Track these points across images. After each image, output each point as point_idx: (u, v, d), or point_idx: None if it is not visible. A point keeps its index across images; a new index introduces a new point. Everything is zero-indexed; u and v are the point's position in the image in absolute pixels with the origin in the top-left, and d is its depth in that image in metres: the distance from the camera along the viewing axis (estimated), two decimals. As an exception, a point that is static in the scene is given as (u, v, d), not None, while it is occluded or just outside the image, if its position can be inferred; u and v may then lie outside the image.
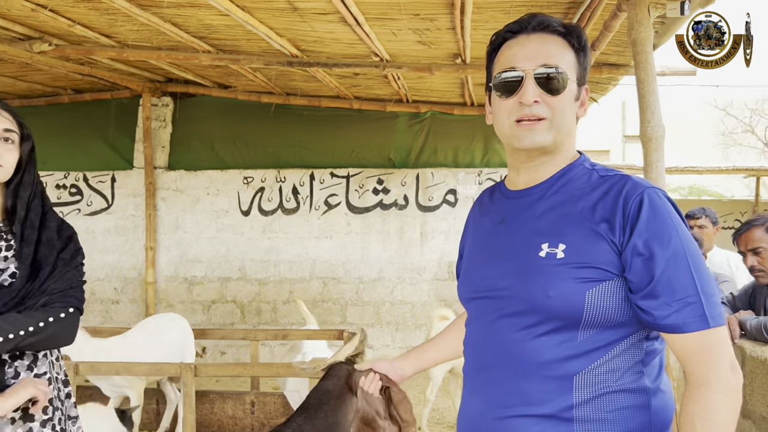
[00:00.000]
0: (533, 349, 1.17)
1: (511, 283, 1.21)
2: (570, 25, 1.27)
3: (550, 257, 1.16)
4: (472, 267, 1.34)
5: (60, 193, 6.70)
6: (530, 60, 1.22)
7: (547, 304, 1.15)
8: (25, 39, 4.66)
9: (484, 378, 1.25)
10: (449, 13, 3.48)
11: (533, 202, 1.26)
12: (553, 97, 1.21)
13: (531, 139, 1.22)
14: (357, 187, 6.45)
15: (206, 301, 6.60)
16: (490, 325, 1.24)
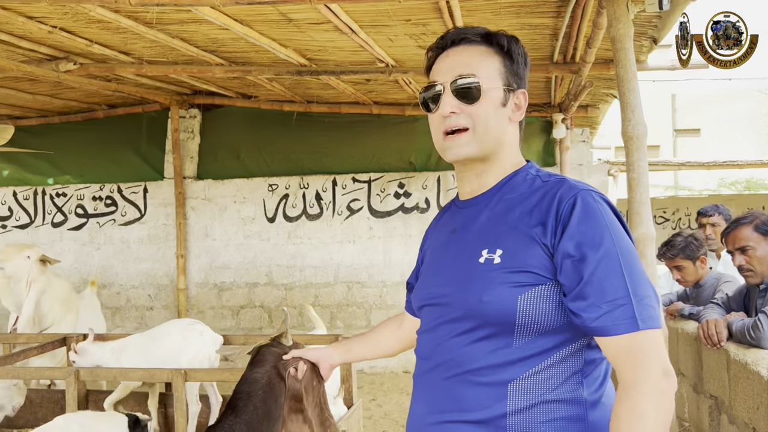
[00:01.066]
0: (469, 354, 1.17)
1: (452, 290, 1.22)
2: (493, 32, 1.27)
3: (488, 263, 1.17)
4: (425, 276, 1.36)
5: (96, 205, 7.01)
6: (447, 72, 1.23)
7: (480, 308, 1.15)
8: (51, 59, 4.92)
9: (426, 383, 1.26)
10: (439, 18, 3.48)
11: (478, 211, 1.26)
12: (471, 106, 1.22)
13: (454, 152, 1.23)
14: (378, 192, 6.50)
15: (235, 306, 6.78)
16: (433, 331, 1.25)
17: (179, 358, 3.12)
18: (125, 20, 3.74)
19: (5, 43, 4.42)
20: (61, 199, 7.10)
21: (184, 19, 3.77)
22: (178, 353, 3.18)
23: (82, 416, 2.60)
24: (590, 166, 6.46)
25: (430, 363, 1.25)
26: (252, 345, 1.72)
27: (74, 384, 2.81)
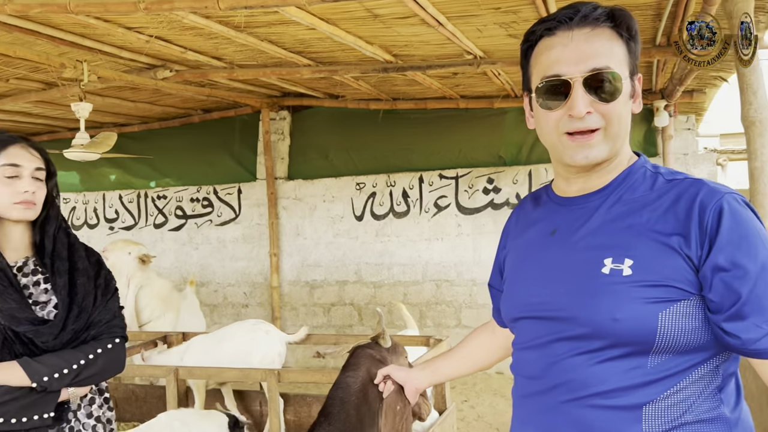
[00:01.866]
0: (597, 375, 1.04)
1: (570, 303, 1.07)
2: (616, 10, 1.09)
3: (615, 274, 1.02)
4: (519, 283, 1.21)
5: (194, 206, 7.31)
6: (576, 63, 1.06)
7: (613, 327, 1.01)
8: (149, 68, 5.15)
9: (537, 406, 1.13)
10: (531, 3, 3.31)
11: (590, 212, 1.11)
12: (608, 105, 1.06)
13: (585, 155, 1.08)
14: (466, 188, 6.35)
15: (326, 303, 6.85)
16: (543, 348, 1.11)
17: (249, 358, 3.13)
18: (216, 25, 3.83)
19: (108, 54, 4.66)
20: (162, 202, 7.46)
21: (271, 21, 3.81)
22: (247, 354, 3.19)
23: (184, 413, 2.67)
24: (696, 155, 6.01)
25: (542, 384, 1.11)
26: (350, 344, 1.68)
27: (174, 382, 2.89)
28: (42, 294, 1.61)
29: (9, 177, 1.56)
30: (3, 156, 1.57)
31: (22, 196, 1.57)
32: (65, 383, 1.53)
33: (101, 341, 1.63)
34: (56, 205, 1.72)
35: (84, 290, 1.64)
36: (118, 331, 1.69)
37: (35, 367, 1.48)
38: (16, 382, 1.45)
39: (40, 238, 1.66)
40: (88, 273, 1.67)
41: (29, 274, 1.63)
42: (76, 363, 1.55)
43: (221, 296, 7.20)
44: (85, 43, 4.38)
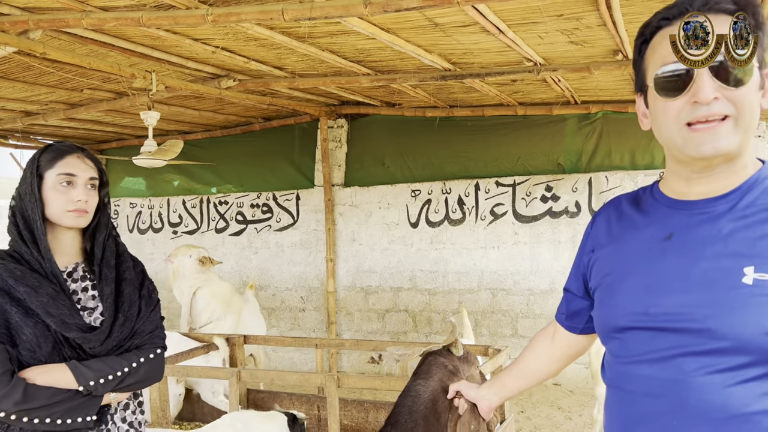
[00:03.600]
0: (737, 396, 0.96)
1: (705, 315, 0.99)
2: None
3: (762, 285, 0.95)
4: (626, 290, 1.11)
5: (254, 212, 7.48)
6: None
7: (762, 342, 0.94)
8: (214, 77, 5.32)
9: (661, 427, 1.03)
10: (595, 10, 3.26)
11: (717, 217, 1.04)
12: (737, 90, 1.00)
13: (713, 146, 1.00)
14: (524, 196, 6.27)
15: (381, 309, 6.88)
16: (667, 362, 1.03)
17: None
18: (279, 36, 3.93)
19: (175, 64, 4.85)
20: (223, 207, 7.67)
21: (333, 31, 3.88)
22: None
23: (246, 415, 2.74)
24: None
25: (666, 404, 1.03)
26: (422, 349, 1.68)
27: (236, 384, 2.97)
28: (90, 300, 1.66)
29: (64, 185, 1.62)
30: (59, 165, 1.63)
31: (76, 205, 1.62)
32: (109, 389, 1.58)
33: (144, 350, 1.67)
34: (107, 213, 1.76)
35: (129, 300, 1.68)
36: (160, 342, 1.73)
37: (83, 372, 1.54)
38: (65, 385, 1.51)
39: (90, 245, 1.70)
40: (133, 283, 1.72)
41: (78, 280, 1.68)
42: (120, 370, 1.60)
43: (279, 300, 7.33)
44: (154, 54, 4.57)
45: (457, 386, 1.55)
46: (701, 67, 1.01)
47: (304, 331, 7.22)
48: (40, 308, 1.52)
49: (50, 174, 1.61)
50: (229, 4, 3.30)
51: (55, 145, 1.67)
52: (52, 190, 1.61)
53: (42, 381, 1.49)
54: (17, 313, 1.50)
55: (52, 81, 5.26)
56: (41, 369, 1.51)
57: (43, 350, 1.52)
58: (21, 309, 1.51)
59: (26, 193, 1.60)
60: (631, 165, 6.02)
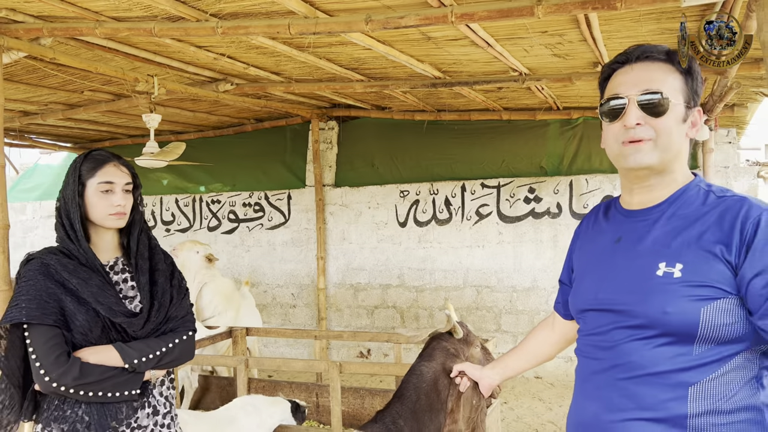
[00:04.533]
0: (650, 358, 1.25)
1: (630, 299, 1.29)
2: (674, 50, 1.34)
3: (667, 276, 1.24)
4: (587, 281, 1.43)
5: (246, 211, 7.69)
6: (633, 86, 1.30)
7: (664, 319, 1.23)
8: (212, 81, 5.52)
9: (599, 382, 1.34)
10: (576, 27, 3.53)
11: (650, 223, 1.33)
12: (657, 119, 1.28)
13: (635, 159, 1.29)
14: (508, 197, 6.56)
15: (370, 306, 7.13)
16: (605, 335, 1.34)
17: None
18: (281, 46, 4.15)
19: (175, 68, 5.04)
20: (216, 206, 7.86)
21: (332, 41, 4.11)
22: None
23: (254, 399, 2.97)
24: (737, 168, 6.10)
25: (603, 364, 1.33)
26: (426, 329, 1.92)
27: (244, 371, 3.20)
28: (130, 290, 1.87)
29: (104, 192, 1.83)
30: (99, 174, 1.84)
31: (116, 209, 1.83)
32: (150, 366, 1.80)
33: (177, 333, 1.89)
34: (140, 212, 1.95)
35: (162, 288, 1.90)
36: (190, 326, 1.96)
37: (128, 352, 1.76)
38: (113, 363, 1.73)
39: (127, 241, 1.91)
40: (165, 273, 1.93)
41: (119, 272, 1.89)
42: (159, 350, 1.82)
43: (270, 297, 7.55)
44: (156, 59, 4.76)
45: (461, 366, 1.79)
46: (630, 100, 1.30)
47: (294, 326, 7.44)
48: (91, 297, 1.75)
49: (91, 182, 1.83)
50: (237, 17, 3.51)
51: (93, 154, 1.88)
52: (94, 196, 1.83)
53: (94, 360, 1.72)
54: (71, 302, 1.73)
55: (54, 83, 5.42)
56: (93, 350, 1.74)
57: (93, 333, 1.75)
58: (74, 298, 1.74)
59: (69, 199, 1.82)
60: (610, 168, 6.33)
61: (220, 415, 2.84)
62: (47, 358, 1.66)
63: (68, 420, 1.71)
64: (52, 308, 1.70)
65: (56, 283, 1.74)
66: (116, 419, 1.75)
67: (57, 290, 1.73)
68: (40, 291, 1.71)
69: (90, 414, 1.72)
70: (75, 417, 1.72)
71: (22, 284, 1.74)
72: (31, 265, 1.77)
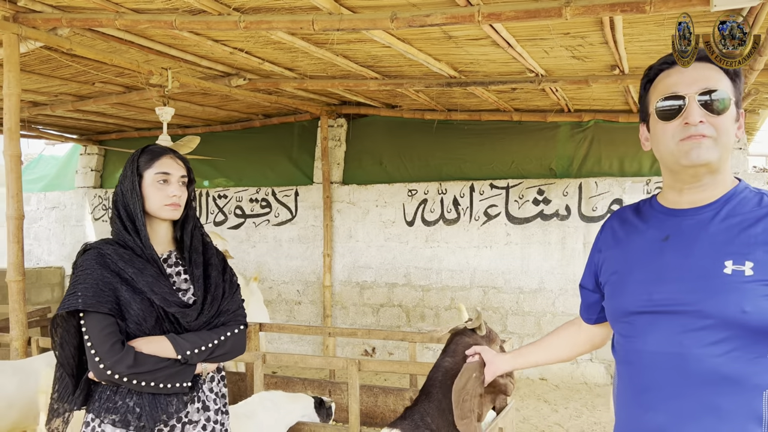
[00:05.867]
0: (725, 363, 1.21)
1: (697, 299, 1.24)
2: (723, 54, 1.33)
3: (738, 274, 1.21)
4: (634, 282, 1.36)
5: (253, 206, 7.67)
6: (692, 84, 1.29)
7: (742, 319, 1.19)
8: (224, 75, 5.50)
9: (664, 392, 1.28)
10: (599, 30, 3.53)
11: (705, 222, 1.30)
12: (718, 117, 1.28)
13: (698, 154, 1.27)
14: (517, 198, 6.56)
15: (375, 304, 7.13)
16: (669, 339, 1.27)
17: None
18: (299, 41, 4.14)
19: (189, 62, 5.03)
20: (222, 201, 7.84)
21: (351, 38, 4.10)
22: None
23: (274, 395, 2.96)
24: (746, 174, 6.10)
25: (669, 372, 1.28)
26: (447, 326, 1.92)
27: (261, 367, 3.19)
28: (183, 282, 1.87)
29: (161, 183, 1.84)
30: (156, 165, 1.85)
31: (171, 200, 1.84)
32: (201, 358, 1.80)
33: (229, 326, 1.89)
34: (193, 207, 1.96)
35: (215, 282, 1.89)
36: (242, 320, 1.95)
37: (181, 343, 1.76)
38: (166, 354, 1.73)
39: (180, 235, 1.92)
40: (218, 268, 1.93)
41: (172, 265, 1.89)
42: (210, 342, 1.82)
43: (276, 293, 7.54)
44: (171, 52, 4.74)
45: (479, 348, 1.78)
46: (691, 98, 1.29)
47: (299, 323, 7.43)
48: (146, 287, 1.75)
49: (149, 173, 1.84)
50: (260, 12, 3.50)
51: (150, 147, 1.90)
52: (151, 187, 1.83)
53: (147, 350, 1.72)
54: (126, 291, 1.73)
55: (66, 74, 5.40)
56: (146, 339, 1.74)
57: (147, 323, 1.75)
58: (129, 288, 1.74)
59: (128, 190, 1.83)
60: (619, 172, 6.34)
61: (239, 410, 2.82)
62: (103, 345, 1.67)
63: (119, 411, 1.71)
64: (108, 297, 1.71)
65: (112, 272, 1.74)
66: (167, 412, 1.74)
67: (113, 279, 1.73)
68: (96, 280, 1.71)
69: (141, 405, 1.72)
70: (126, 408, 1.72)
71: (79, 273, 1.74)
72: (88, 255, 1.77)
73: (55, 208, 9.11)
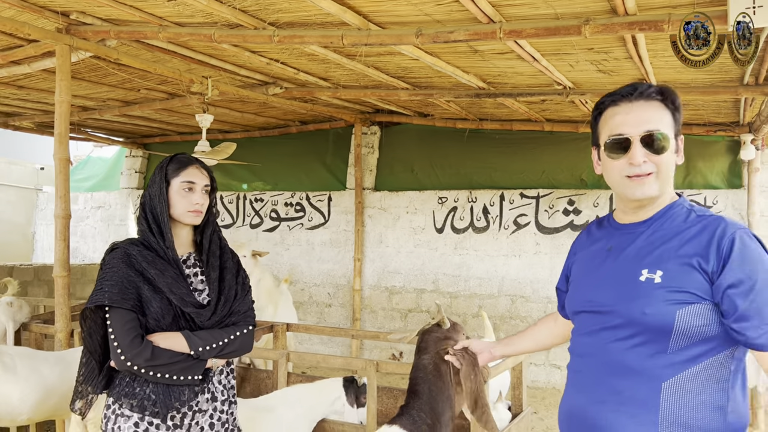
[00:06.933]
0: (629, 357, 1.42)
1: (613, 301, 1.46)
2: (664, 88, 1.50)
3: (649, 282, 1.40)
4: (581, 285, 1.61)
5: (287, 210, 7.89)
6: (636, 126, 1.45)
7: (642, 319, 1.39)
8: (262, 84, 5.72)
9: (586, 377, 1.52)
10: (622, 46, 3.58)
11: (637, 236, 1.50)
12: (658, 156, 1.45)
13: (641, 192, 1.46)
14: (547, 208, 6.59)
15: (404, 309, 7.24)
16: (595, 335, 1.51)
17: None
18: (332, 54, 4.30)
19: (228, 71, 5.25)
20: (259, 204, 8.09)
21: (381, 51, 4.25)
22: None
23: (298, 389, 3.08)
24: None
25: (591, 361, 1.51)
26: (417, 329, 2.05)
27: (285, 365, 3.34)
28: (199, 284, 2.02)
29: (186, 191, 2.00)
30: (183, 174, 2.01)
31: (194, 207, 2.00)
32: (212, 355, 1.96)
33: (239, 326, 2.04)
34: (214, 213, 2.11)
35: (229, 285, 2.04)
36: (251, 321, 2.11)
37: (194, 340, 1.92)
38: (180, 349, 1.90)
39: (200, 239, 2.07)
40: (232, 271, 2.08)
41: (191, 267, 2.04)
42: (221, 340, 1.97)
43: (307, 295, 7.72)
44: (211, 61, 4.97)
45: (466, 343, 1.92)
46: (635, 139, 1.44)
47: (329, 325, 7.59)
48: (166, 287, 1.92)
49: (176, 181, 2.01)
50: (293, 27, 3.67)
51: (179, 157, 2.06)
52: (177, 194, 2.00)
53: (164, 344, 1.89)
54: (148, 290, 1.90)
55: (113, 81, 5.69)
56: (163, 335, 1.91)
57: (165, 320, 1.92)
58: (151, 287, 1.91)
59: (156, 195, 2.00)
60: (650, 184, 6.30)
61: (260, 403, 2.96)
62: (124, 339, 1.84)
63: (137, 396, 1.89)
64: (131, 294, 1.87)
65: (136, 272, 1.91)
66: (179, 401, 1.91)
67: (136, 278, 1.90)
68: (122, 278, 1.88)
69: (156, 393, 1.89)
70: (143, 395, 1.89)
71: (107, 271, 1.91)
72: (115, 254, 1.94)
73: (101, 208, 9.52)
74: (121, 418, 1.89)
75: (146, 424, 1.88)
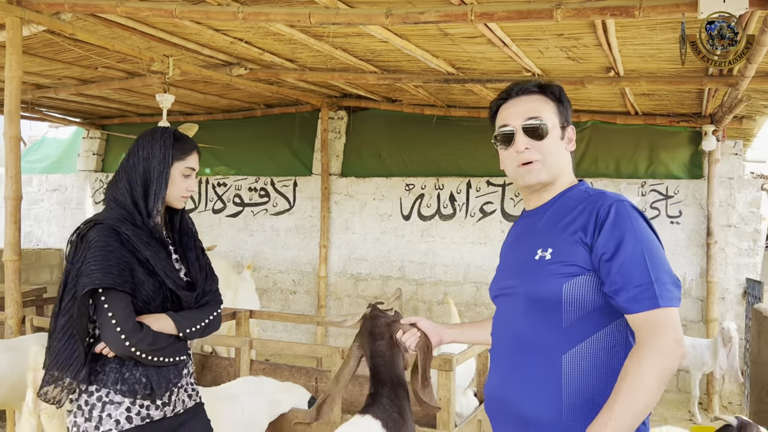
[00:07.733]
0: (528, 332, 1.49)
1: (516, 282, 1.54)
2: (543, 83, 1.60)
3: (542, 259, 1.49)
4: (497, 273, 1.71)
5: (251, 195, 7.73)
6: (517, 117, 1.55)
7: (535, 293, 1.47)
8: (226, 65, 5.56)
9: (499, 357, 1.60)
10: (592, 32, 3.57)
11: (536, 220, 1.59)
12: (540, 142, 1.53)
13: (530, 177, 1.55)
14: (512, 196, 6.61)
15: (369, 296, 7.19)
16: (503, 315, 1.61)
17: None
18: (298, 34, 4.19)
19: (190, 50, 5.08)
20: (222, 189, 7.91)
21: (349, 32, 4.15)
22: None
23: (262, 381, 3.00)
24: (741, 180, 6.13)
25: (501, 341, 1.59)
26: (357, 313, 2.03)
27: (248, 352, 3.26)
28: (175, 263, 1.97)
29: (185, 176, 1.97)
30: (188, 160, 1.97)
31: (188, 192, 2.00)
32: (197, 336, 1.97)
33: (213, 306, 2.03)
34: None
35: (200, 264, 2.03)
36: (220, 299, 2.10)
37: (182, 322, 1.91)
38: (169, 331, 1.88)
39: (171, 217, 2.04)
40: (201, 250, 2.08)
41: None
42: (203, 321, 1.98)
43: (271, 282, 7.61)
44: (173, 39, 4.80)
45: (414, 319, 1.92)
46: (517, 129, 1.53)
47: (294, 312, 7.50)
48: (161, 271, 1.86)
49: (178, 165, 1.95)
50: (258, 4, 3.55)
51: (184, 139, 1.99)
52: (177, 177, 1.95)
53: (156, 327, 1.84)
54: (142, 273, 1.83)
55: (69, 58, 5.45)
56: (152, 317, 1.86)
57: (155, 303, 1.87)
58: (145, 269, 1.84)
59: (157, 174, 1.91)
60: (615, 173, 6.38)
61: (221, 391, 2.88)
62: (127, 324, 1.77)
63: (127, 382, 1.82)
64: (128, 276, 1.81)
65: (129, 252, 1.83)
66: (171, 381, 1.90)
67: (131, 259, 1.82)
68: (118, 259, 1.79)
69: (147, 376, 1.84)
70: (134, 379, 1.83)
71: (99, 249, 1.79)
72: (103, 231, 1.82)
73: (57, 191, 9.19)
74: (110, 405, 1.82)
75: (138, 407, 1.85)
